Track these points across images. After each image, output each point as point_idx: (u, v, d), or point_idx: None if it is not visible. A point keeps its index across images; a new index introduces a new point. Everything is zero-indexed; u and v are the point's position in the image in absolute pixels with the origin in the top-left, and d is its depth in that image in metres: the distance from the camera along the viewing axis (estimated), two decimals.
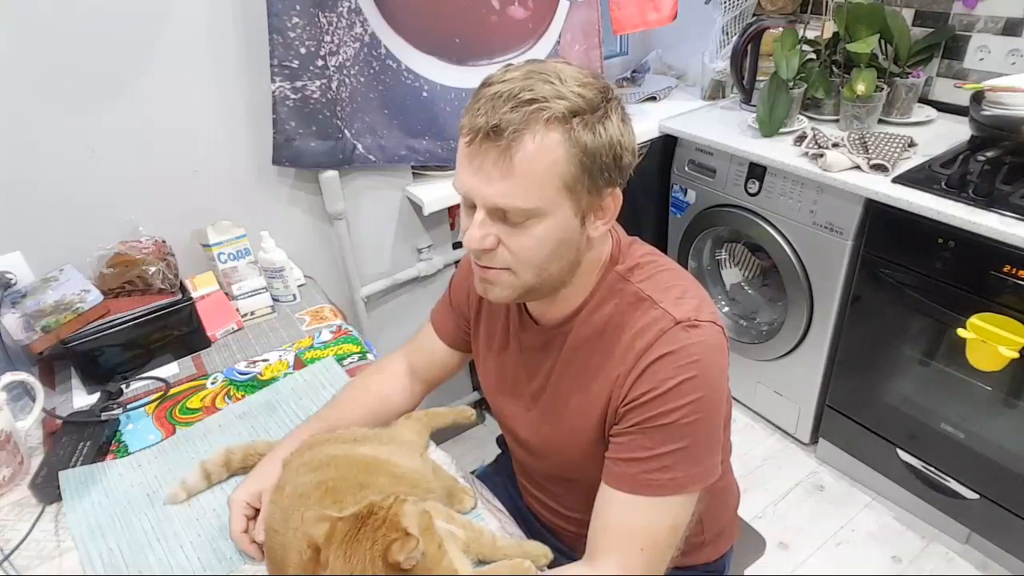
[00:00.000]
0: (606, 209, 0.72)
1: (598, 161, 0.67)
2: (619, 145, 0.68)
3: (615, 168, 0.69)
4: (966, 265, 1.38)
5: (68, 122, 1.22)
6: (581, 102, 0.65)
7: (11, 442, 0.97)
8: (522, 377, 0.88)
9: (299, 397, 1.10)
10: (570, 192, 0.67)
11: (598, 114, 0.67)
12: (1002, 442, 1.47)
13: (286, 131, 1.42)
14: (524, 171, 0.65)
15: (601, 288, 0.78)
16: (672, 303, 0.74)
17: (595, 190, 0.69)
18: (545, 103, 0.64)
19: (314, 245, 1.62)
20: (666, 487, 0.72)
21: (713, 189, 1.88)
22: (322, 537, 0.65)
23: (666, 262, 0.81)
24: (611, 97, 0.69)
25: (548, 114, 0.64)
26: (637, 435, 0.73)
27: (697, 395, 0.71)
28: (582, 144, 0.66)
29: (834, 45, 1.78)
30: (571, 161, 0.66)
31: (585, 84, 0.67)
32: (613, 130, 0.68)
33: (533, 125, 0.64)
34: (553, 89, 0.65)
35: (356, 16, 1.40)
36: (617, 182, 0.71)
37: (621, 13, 1.76)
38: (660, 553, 0.74)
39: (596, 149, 0.66)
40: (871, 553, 1.69)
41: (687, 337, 0.71)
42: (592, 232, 0.72)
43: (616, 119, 0.68)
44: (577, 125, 0.65)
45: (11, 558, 0.85)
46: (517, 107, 0.64)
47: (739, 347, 2.01)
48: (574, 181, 0.67)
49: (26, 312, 1.11)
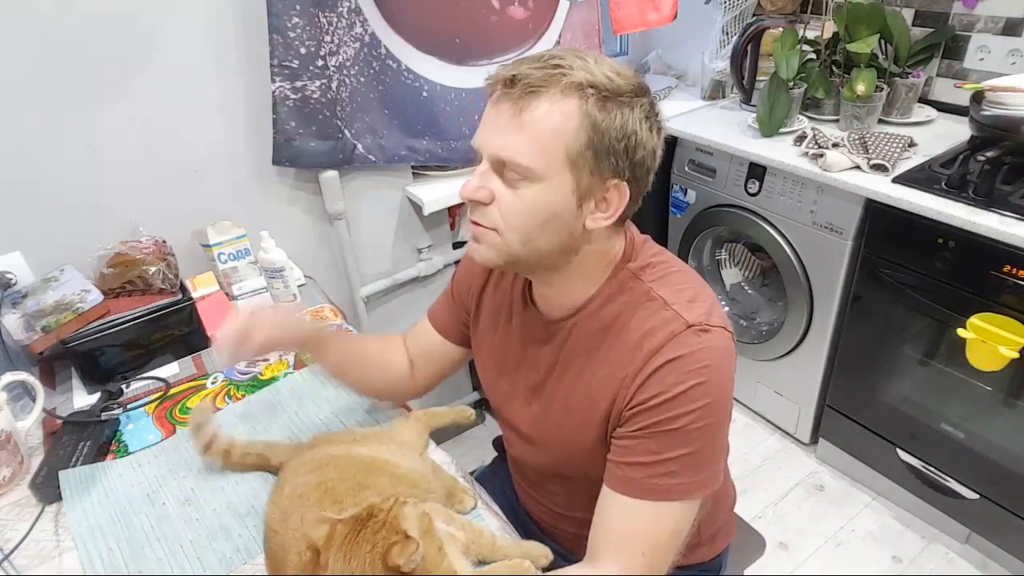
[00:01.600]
0: (610, 202, 0.71)
1: (606, 142, 0.67)
2: (634, 136, 0.68)
3: (624, 158, 0.69)
4: (966, 265, 1.38)
5: (68, 122, 1.22)
6: (607, 81, 0.66)
7: (11, 442, 0.97)
8: (523, 368, 0.86)
9: (299, 397, 1.10)
10: (572, 165, 0.67)
11: (621, 99, 0.67)
12: (1002, 442, 1.47)
13: (286, 131, 1.42)
14: (531, 128, 0.66)
15: (611, 284, 0.77)
16: (684, 306, 0.73)
17: (598, 173, 0.68)
18: (570, 70, 0.65)
19: (314, 245, 1.62)
20: (671, 492, 0.71)
21: (713, 189, 1.88)
22: (322, 539, 0.65)
23: (678, 263, 0.81)
24: (643, 93, 0.69)
25: (568, 80, 0.65)
26: (643, 439, 0.72)
27: (706, 400, 0.70)
28: (594, 118, 0.66)
29: (834, 45, 1.78)
30: (580, 132, 0.66)
31: (620, 73, 0.68)
32: (632, 120, 0.67)
33: (551, 87, 0.65)
34: (583, 64, 0.66)
35: (356, 16, 1.40)
36: (625, 174, 0.70)
37: (621, 13, 1.76)
38: (661, 557, 0.74)
39: (607, 129, 0.66)
40: (871, 553, 1.69)
41: (698, 342, 0.71)
42: (590, 223, 0.71)
43: (639, 113, 0.68)
44: (593, 98, 0.65)
45: (11, 558, 0.86)
46: (541, 67, 0.66)
47: (739, 347, 2.00)
48: (578, 155, 0.67)
49: (26, 312, 1.11)
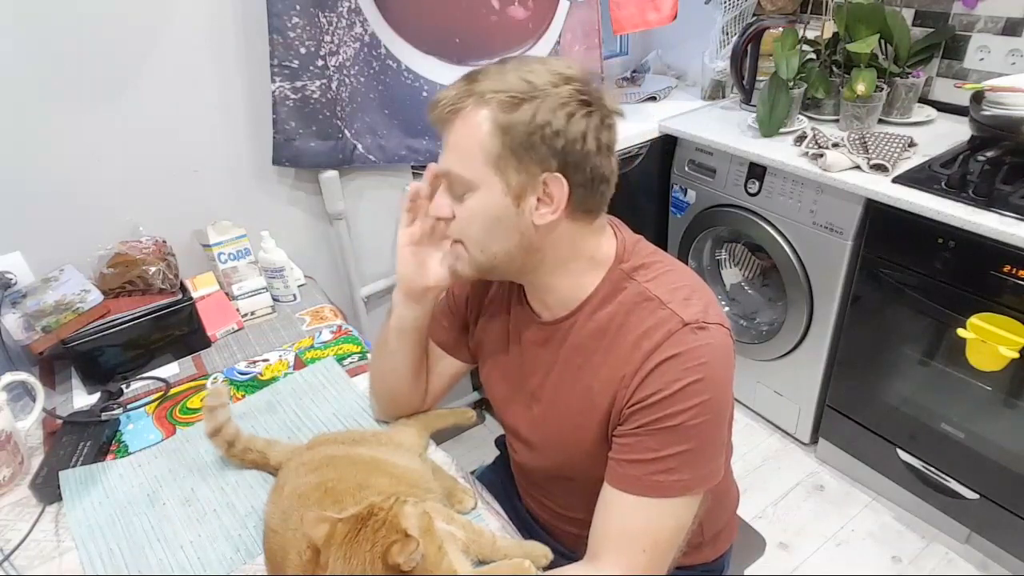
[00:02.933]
0: (551, 195, 0.71)
1: (519, 139, 0.69)
2: (546, 127, 0.68)
3: (544, 149, 0.69)
4: (966, 265, 1.38)
5: (68, 122, 1.22)
6: (516, 84, 0.69)
7: (11, 442, 0.97)
8: (523, 371, 0.87)
9: (299, 397, 1.10)
10: (496, 168, 0.70)
11: (532, 95, 0.68)
12: (1002, 442, 1.47)
13: (286, 131, 1.42)
14: (456, 144, 0.72)
15: (605, 285, 0.78)
16: (680, 304, 0.74)
17: (524, 170, 0.70)
18: (476, 84, 0.70)
19: (314, 245, 1.62)
20: (671, 489, 0.72)
21: (713, 189, 1.88)
22: (322, 539, 0.65)
23: (672, 262, 0.81)
24: (564, 83, 0.69)
25: (475, 92, 0.70)
26: (643, 436, 0.72)
27: (704, 397, 0.70)
28: (500, 121, 0.69)
29: (834, 45, 1.78)
30: (493, 137, 0.69)
31: (541, 71, 0.70)
32: (542, 112, 0.68)
33: (464, 103, 0.70)
34: (497, 71, 0.70)
35: (356, 16, 1.40)
36: (553, 165, 0.70)
37: (621, 13, 1.76)
38: (662, 554, 0.74)
39: (515, 126, 0.68)
40: (871, 553, 1.69)
41: (695, 339, 0.71)
42: (538, 219, 0.72)
43: (552, 103, 0.68)
44: (495, 103, 0.69)
45: (11, 558, 0.86)
46: (456, 88, 0.71)
47: (739, 347, 2.01)
48: (497, 157, 0.70)
49: (26, 312, 1.11)
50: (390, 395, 1.00)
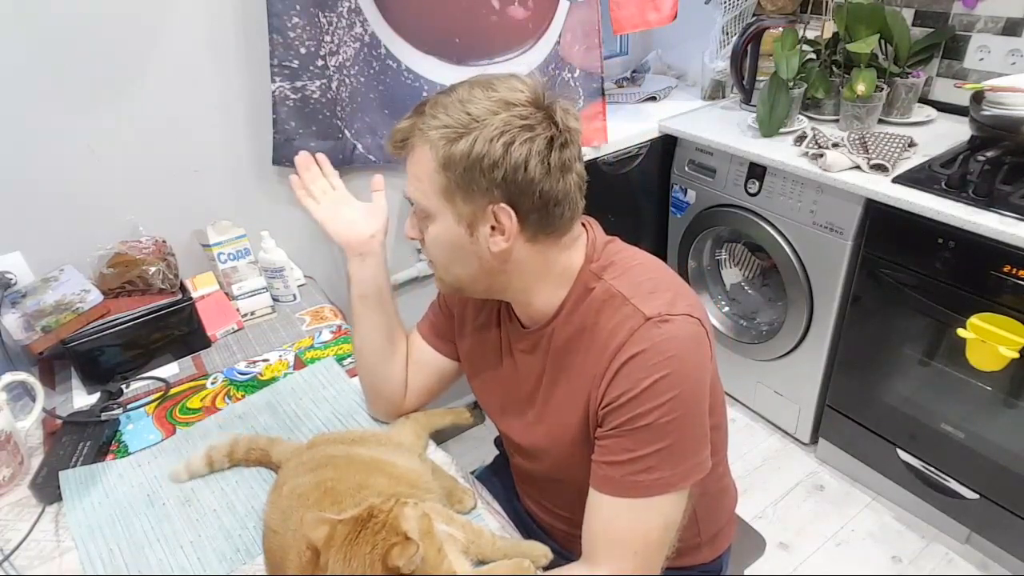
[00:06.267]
0: (502, 225, 0.71)
1: (459, 172, 0.69)
2: (484, 159, 0.68)
3: (484, 181, 0.69)
4: (966, 265, 1.38)
5: (68, 122, 1.22)
6: (457, 117, 0.69)
7: (11, 442, 0.97)
8: (518, 382, 0.88)
9: (299, 397, 1.10)
10: (446, 200, 0.72)
11: (472, 129, 0.68)
12: (1002, 442, 1.47)
13: (286, 131, 1.41)
14: (414, 172, 0.74)
15: (577, 288, 0.78)
16: (642, 299, 0.73)
17: (471, 201, 0.71)
18: (422, 116, 0.72)
19: (314, 245, 1.62)
20: (653, 488, 0.71)
21: (713, 189, 1.88)
22: (321, 540, 0.65)
23: (642, 257, 0.80)
24: (501, 111, 0.68)
25: (420, 128, 0.71)
26: (619, 437, 0.72)
27: (674, 392, 0.70)
28: (442, 157, 0.70)
29: (834, 45, 1.78)
30: (437, 172, 0.71)
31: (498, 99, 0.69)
32: (478, 145, 0.68)
33: (412, 134, 0.73)
34: (444, 102, 0.71)
35: (356, 16, 1.40)
36: (496, 196, 0.70)
37: (621, 13, 1.75)
38: (654, 553, 0.74)
39: (454, 162, 0.69)
40: (871, 553, 1.69)
41: (659, 333, 0.70)
42: (492, 247, 0.73)
43: (489, 133, 0.67)
44: (439, 137, 0.70)
45: (11, 558, 0.86)
46: (408, 119, 0.74)
47: (739, 347, 2.01)
48: (444, 189, 0.72)
49: (26, 312, 1.11)
50: (370, 378, 0.99)
